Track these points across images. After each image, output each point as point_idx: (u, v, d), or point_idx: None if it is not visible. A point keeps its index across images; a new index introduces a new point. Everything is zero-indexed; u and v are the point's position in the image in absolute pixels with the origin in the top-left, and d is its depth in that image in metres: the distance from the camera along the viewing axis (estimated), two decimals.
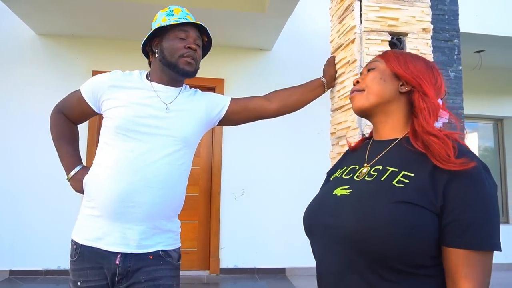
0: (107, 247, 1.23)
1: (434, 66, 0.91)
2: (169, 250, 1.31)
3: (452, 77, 2.79)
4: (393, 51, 0.95)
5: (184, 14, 1.36)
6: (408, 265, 0.73)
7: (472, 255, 0.72)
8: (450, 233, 0.73)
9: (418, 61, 0.91)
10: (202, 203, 4.10)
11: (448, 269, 0.74)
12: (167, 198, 1.29)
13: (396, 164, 0.83)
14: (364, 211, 0.77)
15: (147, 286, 1.23)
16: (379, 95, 0.90)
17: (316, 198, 0.95)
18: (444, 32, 2.76)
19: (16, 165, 3.78)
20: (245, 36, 3.94)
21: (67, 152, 1.40)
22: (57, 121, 1.41)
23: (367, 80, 0.92)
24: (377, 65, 0.93)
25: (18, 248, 3.72)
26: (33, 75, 3.90)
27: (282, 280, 3.88)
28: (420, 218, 0.73)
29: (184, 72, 1.33)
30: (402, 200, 0.75)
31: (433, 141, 0.78)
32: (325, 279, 0.85)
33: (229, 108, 1.45)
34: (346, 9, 1.40)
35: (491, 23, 4.09)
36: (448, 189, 0.74)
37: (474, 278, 0.72)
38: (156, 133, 1.28)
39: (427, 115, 0.82)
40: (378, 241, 0.73)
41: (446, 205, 0.73)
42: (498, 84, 5.31)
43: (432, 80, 0.88)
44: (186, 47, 1.32)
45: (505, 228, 5.16)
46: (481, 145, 5.52)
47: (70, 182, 1.38)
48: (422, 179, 0.76)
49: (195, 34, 1.36)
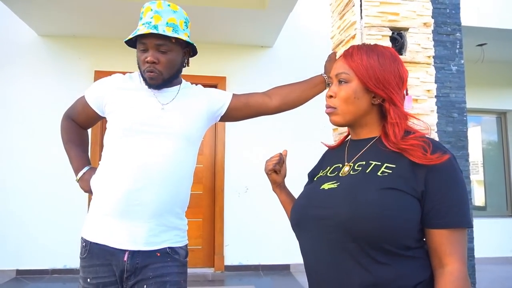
0: (115, 245, 1.25)
1: (396, 56, 0.95)
2: (176, 247, 1.33)
3: (454, 71, 2.78)
4: (359, 53, 0.94)
5: (151, 14, 1.27)
6: (397, 247, 0.82)
7: (453, 233, 0.83)
8: (434, 216, 0.83)
9: (384, 63, 0.92)
10: (206, 201, 4.12)
11: (433, 248, 0.84)
12: (172, 195, 1.31)
13: (378, 158, 0.91)
14: (355, 199, 0.84)
15: (154, 283, 1.25)
16: (355, 113, 0.94)
17: (303, 195, 1.00)
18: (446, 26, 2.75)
19: (20, 165, 3.80)
20: (246, 33, 3.94)
21: (76, 154, 1.44)
22: (66, 126, 1.47)
23: (341, 99, 0.94)
24: (348, 79, 0.93)
25: (25, 247, 3.75)
26: (35, 76, 3.91)
27: (286, 276, 3.89)
28: (404, 202, 0.83)
29: (150, 85, 1.33)
30: (388, 186, 0.84)
31: (407, 149, 0.87)
32: (316, 270, 0.90)
33: (230, 104, 1.46)
34: (347, 5, 1.40)
35: (493, 16, 4.07)
36: (428, 177, 0.84)
37: (457, 253, 0.82)
38: (156, 132, 1.30)
39: (397, 130, 0.90)
40: (370, 225, 0.81)
41: (427, 191, 0.84)
42: (500, 77, 5.29)
43: (399, 83, 0.93)
44: (145, 61, 1.29)
45: (510, 222, 5.17)
46: (484, 139, 5.50)
47: (79, 183, 1.42)
48: (403, 169, 0.86)
49: (154, 43, 1.27)
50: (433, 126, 1.29)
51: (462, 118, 2.77)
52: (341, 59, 0.98)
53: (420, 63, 1.31)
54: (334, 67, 0.99)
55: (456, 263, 0.81)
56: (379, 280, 0.81)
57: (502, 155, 5.43)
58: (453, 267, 0.81)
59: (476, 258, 2.82)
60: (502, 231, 5.04)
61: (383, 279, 0.81)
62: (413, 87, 1.29)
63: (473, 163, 5.33)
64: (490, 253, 4.71)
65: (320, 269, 0.89)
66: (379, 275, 0.82)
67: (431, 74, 1.31)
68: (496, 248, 4.87)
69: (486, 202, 5.34)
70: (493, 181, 5.37)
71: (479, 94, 5.00)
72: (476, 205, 5.30)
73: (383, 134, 0.93)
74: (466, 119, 2.80)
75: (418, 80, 1.29)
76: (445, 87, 2.73)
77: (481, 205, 5.35)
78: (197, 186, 4.06)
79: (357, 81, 0.93)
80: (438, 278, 0.83)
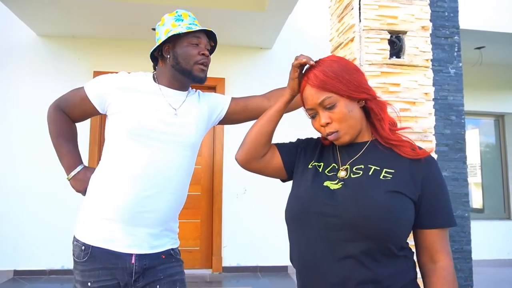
0: (120, 249, 1.25)
1: (342, 58, 1.02)
2: (175, 248, 1.38)
3: (452, 73, 2.79)
4: (325, 75, 0.96)
5: (192, 19, 1.38)
6: (396, 246, 0.89)
7: (443, 232, 0.93)
8: (429, 218, 0.91)
9: (347, 70, 0.97)
10: (204, 202, 4.11)
11: (425, 247, 0.93)
12: (177, 202, 1.34)
13: (376, 162, 0.95)
14: (363, 200, 0.89)
15: (166, 282, 1.30)
16: (355, 124, 0.98)
17: (305, 189, 0.99)
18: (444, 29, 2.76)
19: (18, 166, 3.80)
20: (245, 35, 3.94)
21: (68, 150, 1.36)
22: (56, 118, 1.36)
23: (339, 120, 0.96)
24: (334, 101, 0.95)
25: (22, 248, 3.74)
26: (34, 76, 3.91)
27: (284, 277, 3.89)
28: (406, 205, 0.90)
29: (198, 78, 1.35)
30: (392, 189, 0.90)
31: (398, 145, 0.96)
32: (314, 266, 0.92)
33: (229, 109, 1.46)
34: (345, 8, 1.41)
35: (491, 20, 4.09)
36: (424, 182, 0.92)
37: (446, 249, 0.92)
38: (166, 140, 1.29)
39: (384, 123, 0.97)
40: (378, 225, 0.86)
41: (423, 195, 0.91)
42: (499, 80, 5.31)
43: (363, 76, 1.01)
44: (200, 54, 1.33)
45: (507, 224, 5.18)
46: (482, 142, 5.51)
47: (71, 181, 1.36)
48: (403, 174, 0.92)
49: (206, 40, 1.37)
50: (431, 129, 1.30)
51: (460, 121, 2.78)
52: (311, 88, 0.97)
53: (418, 66, 1.31)
54: (307, 98, 0.99)
55: (447, 259, 0.91)
56: (377, 277, 0.87)
57: (500, 157, 5.45)
58: (445, 263, 0.91)
59: (474, 260, 2.83)
60: (500, 233, 5.06)
61: (380, 276, 0.87)
62: (411, 90, 1.29)
63: (471, 166, 5.34)
64: (488, 256, 4.72)
65: (320, 265, 0.91)
66: (377, 273, 0.87)
67: (429, 77, 1.32)
68: (494, 250, 4.88)
69: (483, 204, 5.36)
70: (491, 184, 5.38)
71: (477, 97, 5.02)
72: (474, 208, 5.30)
73: (374, 132, 1.00)
74: (464, 121, 2.81)
75: (416, 83, 1.30)
76: (443, 89, 2.75)
77: (479, 207, 5.37)
78: (196, 187, 4.06)
79: (343, 98, 0.95)
80: (430, 272, 0.92)
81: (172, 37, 1.33)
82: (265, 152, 1.12)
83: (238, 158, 1.13)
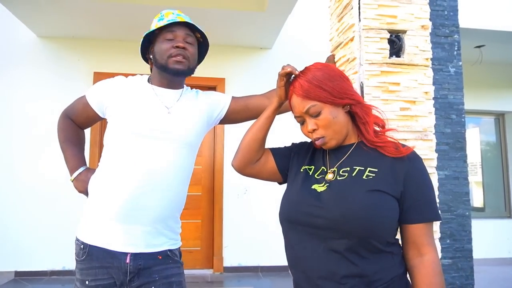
0: (116, 248, 1.26)
1: (327, 64, 1.06)
2: (174, 249, 1.35)
3: (452, 72, 2.79)
4: (309, 84, 1.00)
5: (175, 15, 1.36)
6: (381, 242, 0.93)
7: (428, 226, 0.96)
8: (414, 212, 0.95)
9: (332, 77, 1.01)
10: (205, 202, 4.12)
11: (412, 241, 0.96)
12: (173, 200, 1.33)
13: (361, 163, 1.00)
14: (345, 201, 0.94)
15: (162, 284, 1.29)
16: (341, 130, 1.02)
17: (295, 192, 1.05)
18: (444, 28, 2.76)
19: (19, 167, 3.80)
20: (245, 35, 3.95)
21: (73, 154, 1.43)
22: (64, 125, 1.45)
23: (325, 126, 1.00)
24: (318, 109, 1.00)
25: (23, 249, 3.74)
26: (34, 77, 3.91)
27: (286, 277, 3.89)
28: (387, 202, 0.93)
29: (175, 71, 1.33)
30: (373, 188, 0.94)
31: (382, 146, 0.99)
32: (304, 261, 0.98)
33: (229, 108, 1.47)
34: (345, 8, 1.41)
35: (491, 18, 4.08)
36: (406, 178, 0.95)
37: (432, 243, 0.96)
38: (159, 137, 1.30)
39: (368, 127, 1.01)
40: (359, 222, 0.90)
41: (406, 190, 0.95)
42: (499, 78, 5.30)
43: (349, 82, 1.04)
44: (173, 47, 1.32)
45: (508, 223, 5.18)
46: (483, 140, 5.51)
47: (74, 182, 1.41)
48: (385, 172, 0.96)
49: (183, 33, 1.35)
50: (431, 127, 1.30)
51: (460, 120, 2.79)
52: (297, 97, 1.02)
53: (418, 65, 1.31)
54: (294, 106, 1.04)
55: (433, 252, 0.95)
56: (363, 272, 0.92)
57: (501, 156, 5.44)
58: (432, 256, 0.94)
59: (475, 259, 2.83)
60: (501, 232, 5.06)
61: (366, 271, 0.92)
62: (411, 89, 1.30)
63: (471, 165, 5.34)
64: (489, 254, 4.72)
65: (309, 260, 0.97)
66: (363, 268, 0.92)
67: (429, 76, 1.32)
68: (495, 249, 4.88)
69: (484, 203, 5.36)
70: (491, 183, 5.38)
71: (477, 96, 5.02)
72: (475, 206, 5.31)
73: (360, 134, 1.04)
74: (464, 120, 2.82)
75: (416, 82, 1.30)
76: (443, 88, 2.75)
77: (479, 206, 5.36)
78: (196, 187, 4.06)
79: (327, 105, 1.00)
80: (418, 265, 0.95)
81: (152, 37, 1.37)
82: (259, 157, 1.19)
83: (234, 164, 1.22)
